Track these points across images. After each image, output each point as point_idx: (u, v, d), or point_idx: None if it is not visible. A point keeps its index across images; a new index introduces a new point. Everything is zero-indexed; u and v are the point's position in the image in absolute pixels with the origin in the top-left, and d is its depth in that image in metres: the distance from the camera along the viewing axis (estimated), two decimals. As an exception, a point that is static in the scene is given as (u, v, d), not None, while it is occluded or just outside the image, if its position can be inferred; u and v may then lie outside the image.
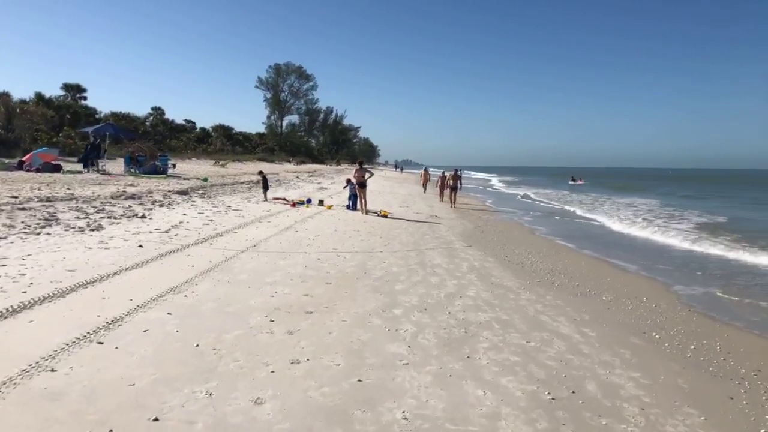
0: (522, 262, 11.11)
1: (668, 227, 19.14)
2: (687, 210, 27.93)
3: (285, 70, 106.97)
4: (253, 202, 18.26)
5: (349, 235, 12.76)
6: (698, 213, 26.15)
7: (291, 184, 30.26)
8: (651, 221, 21.54)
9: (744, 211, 28.57)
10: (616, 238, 16.70)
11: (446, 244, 12.89)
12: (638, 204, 32.22)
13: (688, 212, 26.54)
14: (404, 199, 26.55)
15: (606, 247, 14.30)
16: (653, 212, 26.55)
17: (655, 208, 29.79)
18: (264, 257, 9.29)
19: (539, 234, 16.42)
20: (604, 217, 23.14)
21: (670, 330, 6.78)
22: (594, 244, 14.57)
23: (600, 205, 30.96)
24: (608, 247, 14.33)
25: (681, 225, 20.36)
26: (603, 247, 14.09)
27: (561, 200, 34.67)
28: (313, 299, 6.85)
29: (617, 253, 13.21)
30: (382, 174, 72.21)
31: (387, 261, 9.94)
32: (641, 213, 25.87)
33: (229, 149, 75.91)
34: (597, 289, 8.86)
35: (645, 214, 25.41)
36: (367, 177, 18.61)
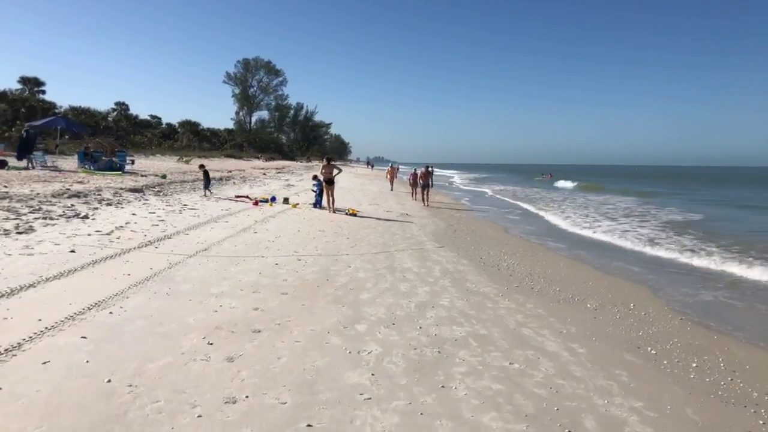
0: (498, 264, 10.36)
1: (622, 229, 18.70)
2: (643, 207, 27.74)
3: (254, 65, 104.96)
4: (212, 200, 17.16)
5: (313, 236, 11.84)
6: (652, 210, 25.95)
7: (257, 181, 29.10)
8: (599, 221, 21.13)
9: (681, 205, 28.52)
10: (579, 238, 16.15)
11: (417, 244, 12.07)
12: (591, 202, 32.00)
13: (645, 209, 26.34)
14: (375, 197, 25.69)
15: (581, 248, 13.69)
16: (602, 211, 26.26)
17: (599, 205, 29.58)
18: (214, 263, 8.32)
19: (514, 233, 15.75)
20: (558, 216, 22.69)
21: (666, 343, 6.07)
22: (569, 244, 13.96)
23: (550, 202, 30.59)
24: (583, 248, 13.71)
25: (642, 228, 19.96)
26: (578, 248, 13.47)
27: (524, 198, 34.27)
28: (264, 314, 5.94)
29: (589, 254, 12.59)
30: (353, 171, 71.22)
31: (353, 265, 9.07)
32: (597, 212, 25.52)
33: (196, 145, 74.17)
34: (580, 295, 8.15)
35: (600, 212, 25.07)
36: (335, 174, 17.70)
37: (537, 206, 26.53)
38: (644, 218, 21.54)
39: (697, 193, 43.73)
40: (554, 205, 27.26)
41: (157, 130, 75.68)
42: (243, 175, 31.63)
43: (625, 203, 29.91)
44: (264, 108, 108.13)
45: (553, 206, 26.68)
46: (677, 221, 20.49)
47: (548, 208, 25.24)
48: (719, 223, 20.07)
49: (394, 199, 24.96)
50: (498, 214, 22.13)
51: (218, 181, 25.34)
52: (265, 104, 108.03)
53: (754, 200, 34.51)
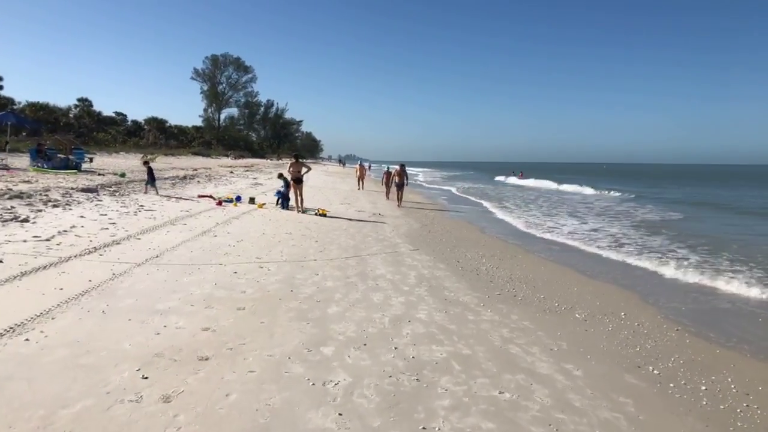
0: (477, 268, 9.71)
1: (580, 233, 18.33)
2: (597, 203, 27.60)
3: (223, 62, 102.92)
4: (172, 201, 16.15)
5: (278, 240, 11.01)
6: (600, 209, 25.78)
7: (223, 179, 27.98)
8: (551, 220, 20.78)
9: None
10: (550, 239, 15.66)
11: (391, 247, 11.35)
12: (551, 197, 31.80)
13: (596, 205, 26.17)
14: (346, 196, 24.89)
15: (558, 249, 13.15)
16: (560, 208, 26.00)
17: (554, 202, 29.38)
18: (165, 272, 7.44)
19: (490, 233, 15.14)
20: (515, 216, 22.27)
21: (668, 360, 5.47)
22: (544, 245, 13.42)
23: (518, 201, 30.29)
24: (561, 249, 13.18)
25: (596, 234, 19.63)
26: (556, 249, 12.93)
27: (490, 197, 33.91)
28: (215, 335, 5.13)
29: (568, 255, 12.06)
30: (324, 169, 70.20)
31: (321, 272, 8.29)
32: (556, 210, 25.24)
33: (163, 143, 72.31)
34: (566, 303, 7.53)
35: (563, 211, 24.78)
36: (304, 172, 16.85)
37: (502, 205, 26.12)
38: (609, 216, 21.25)
39: (664, 191, 44.03)
40: (521, 204, 26.88)
41: (121, 127, 73.65)
42: (209, 174, 30.46)
43: (584, 200, 29.74)
44: (233, 105, 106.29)
45: (520, 204, 26.31)
46: (653, 221, 20.24)
47: (514, 207, 24.85)
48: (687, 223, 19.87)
49: (366, 198, 24.21)
50: (473, 213, 21.58)
51: (182, 180, 24.22)
52: (235, 101, 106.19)
53: (725, 199, 34.78)
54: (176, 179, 24.05)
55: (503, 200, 29.30)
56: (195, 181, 24.60)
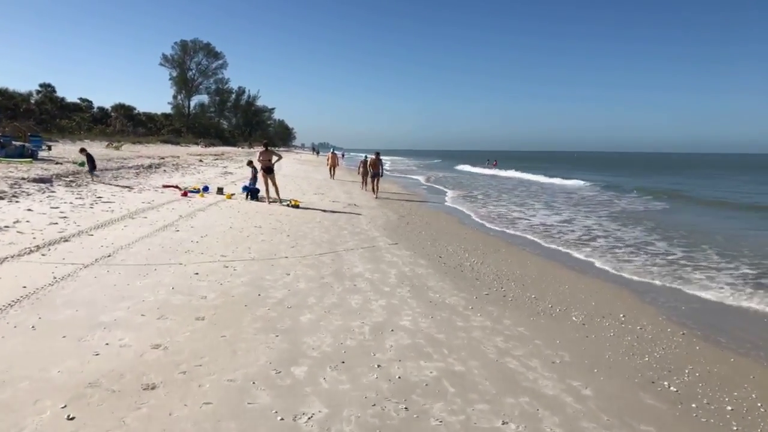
0: (460, 263, 9.08)
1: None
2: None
3: (192, 47, 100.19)
4: (135, 191, 15.14)
5: (247, 234, 10.19)
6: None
7: (191, 168, 26.84)
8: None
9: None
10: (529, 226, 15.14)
11: (368, 241, 10.63)
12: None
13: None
14: (320, 185, 24.04)
15: (538, 239, 12.60)
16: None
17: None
18: (116, 275, 6.60)
19: (470, 224, 14.53)
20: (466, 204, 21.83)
21: (682, 373, 4.89)
22: (529, 237, 12.86)
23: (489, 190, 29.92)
24: (541, 239, 12.63)
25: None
26: (537, 240, 12.37)
27: (459, 186, 33.46)
28: (167, 355, 4.36)
29: (548, 245, 11.52)
30: (297, 157, 68.93)
31: (293, 272, 7.54)
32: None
33: (130, 131, 70.25)
34: (560, 304, 6.94)
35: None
36: (274, 161, 15.97)
37: (469, 193, 25.64)
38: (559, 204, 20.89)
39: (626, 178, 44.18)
40: (493, 194, 26.43)
41: (87, 114, 71.23)
42: (177, 162, 29.24)
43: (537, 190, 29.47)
44: (203, 92, 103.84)
45: (492, 194, 25.85)
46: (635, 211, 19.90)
47: (482, 198, 24.38)
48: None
49: (341, 188, 23.40)
50: (449, 203, 20.97)
51: (147, 169, 23.06)
52: (205, 88, 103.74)
53: (678, 186, 34.91)
54: (141, 168, 22.88)
55: (473, 190, 28.81)
56: (161, 170, 23.46)
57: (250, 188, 16.39)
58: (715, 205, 22.56)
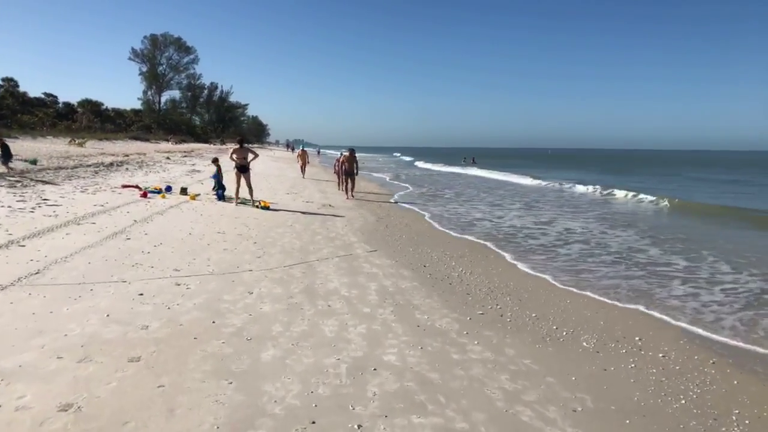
0: (447, 274, 8.13)
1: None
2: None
3: (162, 42, 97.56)
4: (89, 192, 13.85)
5: (207, 242, 9.09)
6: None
7: (156, 166, 25.43)
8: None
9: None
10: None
11: (345, 248, 9.62)
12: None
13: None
14: (293, 184, 22.88)
15: (528, 244, 11.71)
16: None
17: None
18: (39, 298, 5.47)
19: (443, 227, 13.60)
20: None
21: (729, 421, 4.00)
22: (515, 242, 11.97)
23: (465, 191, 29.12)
24: (531, 245, 11.75)
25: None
26: (526, 245, 11.49)
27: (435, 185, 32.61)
28: (77, 421, 3.28)
29: (541, 251, 10.64)
30: (271, 154, 67.39)
31: (257, 290, 6.49)
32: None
33: (98, 127, 68.00)
34: (565, 325, 6.02)
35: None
36: (250, 159, 14.75)
37: (436, 192, 24.80)
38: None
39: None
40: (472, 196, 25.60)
41: (50, 109, 68.74)
42: (142, 160, 27.79)
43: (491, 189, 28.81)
44: (175, 87, 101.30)
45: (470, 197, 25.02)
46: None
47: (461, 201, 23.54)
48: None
49: (315, 187, 22.28)
50: (428, 203, 20.02)
51: (107, 167, 21.64)
52: (176, 83, 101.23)
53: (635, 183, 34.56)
54: (101, 167, 21.45)
55: (445, 189, 27.97)
56: (123, 169, 22.06)
57: (218, 181, 15.22)
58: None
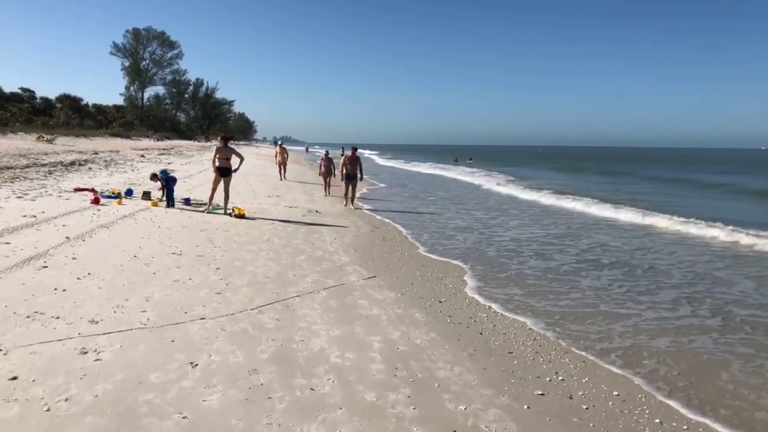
0: (472, 315, 6.09)
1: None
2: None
3: (145, 36, 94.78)
4: (28, 198, 11.58)
5: (155, 269, 6.90)
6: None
7: (127, 165, 23.07)
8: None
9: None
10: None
11: (334, 273, 7.51)
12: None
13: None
14: (276, 186, 20.63)
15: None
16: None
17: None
18: None
19: (457, 240, 11.50)
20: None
21: None
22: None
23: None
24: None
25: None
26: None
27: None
28: None
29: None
30: (256, 151, 64.98)
31: (204, 359, 4.33)
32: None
33: (77, 123, 65.37)
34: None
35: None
36: (237, 165, 12.32)
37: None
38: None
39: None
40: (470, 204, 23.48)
41: (26, 104, 66.01)
42: (111, 158, 25.39)
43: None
44: (158, 83, 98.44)
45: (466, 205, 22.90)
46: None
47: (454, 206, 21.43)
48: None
49: (300, 189, 20.07)
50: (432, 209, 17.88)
51: (67, 166, 19.29)
52: (160, 79, 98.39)
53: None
54: (59, 166, 19.09)
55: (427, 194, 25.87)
56: (86, 168, 19.73)
57: (169, 186, 12.70)
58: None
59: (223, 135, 12.67)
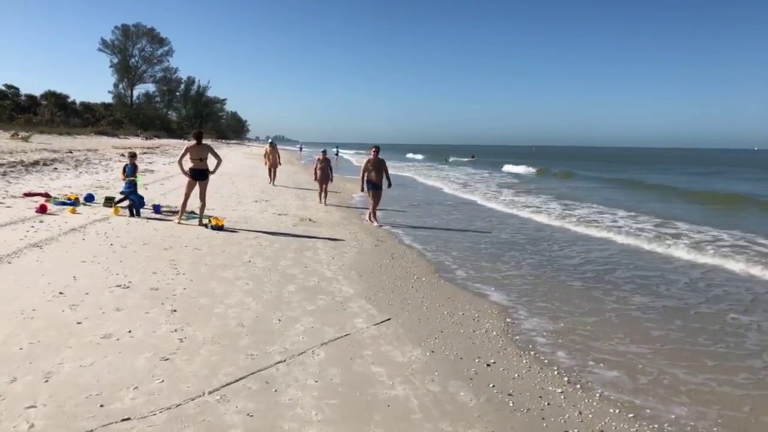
0: (542, 390, 4.09)
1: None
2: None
3: (135, 32, 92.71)
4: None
5: (81, 316, 4.85)
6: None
7: (101, 165, 20.93)
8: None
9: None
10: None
11: (333, 314, 5.51)
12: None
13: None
14: (264, 189, 18.49)
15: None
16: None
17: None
18: None
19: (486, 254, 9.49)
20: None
21: None
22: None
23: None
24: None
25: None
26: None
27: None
28: None
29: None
30: (248, 150, 62.83)
31: None
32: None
33: (61, 120, 63.26)
34: None
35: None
36: (214, 168, 10.36)
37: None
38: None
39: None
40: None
41: (8, 101, 63.88)
42: (86, 157, 23.21)
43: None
44: (148, 80, 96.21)
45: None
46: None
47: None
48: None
49: (292, 193, 17.97)
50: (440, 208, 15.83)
51: (27, 166, 17.12)
52: (150, 76, 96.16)
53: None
54: (18, 166, 16.90)
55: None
56: (50, 168, 17.59)
57: (128, 189, 10.67)
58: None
59: (197, 131, 10.56)
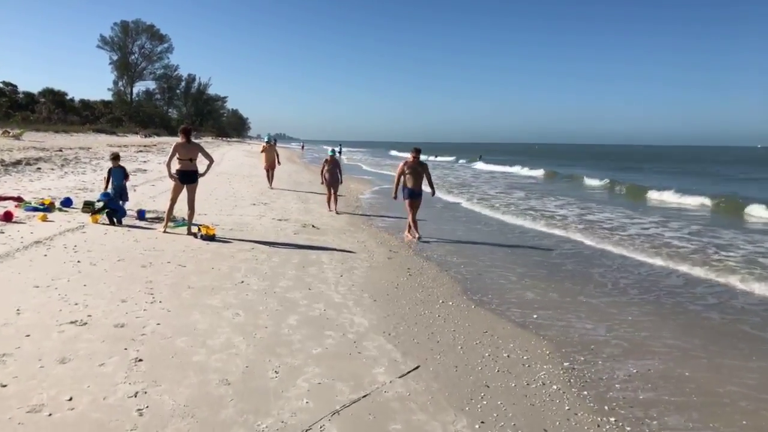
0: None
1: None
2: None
3: (134, 29, 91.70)
4: None
5: (16, 369, 3.60)
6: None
7: (89, 164, 19.71)
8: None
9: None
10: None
11: (345, 359, 4.27)
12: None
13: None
14: (263, 190, 17.19)
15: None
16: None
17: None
18: None
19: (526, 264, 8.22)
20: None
21: None
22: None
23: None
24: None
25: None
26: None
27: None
28: None
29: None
30: (248, 148, 61.57)
31: None
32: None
33: (59, 118, 62.33)
34: None
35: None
36: (204, 170, 9.20)
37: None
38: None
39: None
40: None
41: (5, 98, 63.05)
42: (75, 155, 21.99)
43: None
44: (148, 77, 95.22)
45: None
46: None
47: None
48: None
49: (293, 195, 16.70)
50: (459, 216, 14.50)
51: (8, 166, 15.88)
52: (150, 73, 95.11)
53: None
54: (5, 163, 15.68)
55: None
56: (33, 168, 16.36)
57: (107, 197, 9.46)
58: None
59: (184, 127, 9.28)
